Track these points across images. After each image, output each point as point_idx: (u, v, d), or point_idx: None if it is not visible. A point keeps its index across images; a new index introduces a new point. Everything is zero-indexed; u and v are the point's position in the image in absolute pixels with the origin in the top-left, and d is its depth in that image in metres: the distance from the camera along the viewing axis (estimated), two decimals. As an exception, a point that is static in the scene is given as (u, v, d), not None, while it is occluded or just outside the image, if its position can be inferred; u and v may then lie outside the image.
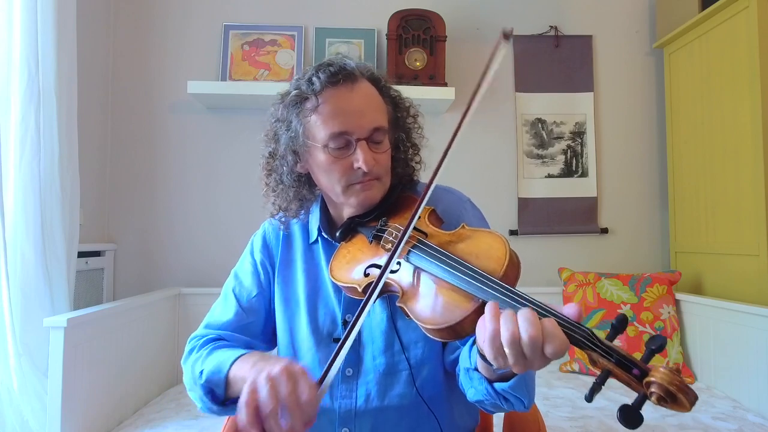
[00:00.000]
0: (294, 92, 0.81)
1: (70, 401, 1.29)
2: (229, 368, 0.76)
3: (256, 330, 0.92)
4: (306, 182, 0.87)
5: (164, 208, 2.10)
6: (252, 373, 0.67)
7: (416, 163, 0.92)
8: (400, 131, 0.88)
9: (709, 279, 1.97)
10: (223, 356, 0.79)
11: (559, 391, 1.69)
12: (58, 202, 1.53)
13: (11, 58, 1.45)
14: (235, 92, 1.96)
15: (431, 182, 0.72)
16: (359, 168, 0.78)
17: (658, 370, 0.52)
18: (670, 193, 2.19)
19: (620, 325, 0.55)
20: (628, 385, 0.54)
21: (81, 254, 1.72)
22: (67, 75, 1.59)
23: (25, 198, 1.45)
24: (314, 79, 0.79)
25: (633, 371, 0.53)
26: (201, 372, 0.80)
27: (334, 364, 0.65)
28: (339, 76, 0.79)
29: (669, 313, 1.87)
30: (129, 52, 2.12)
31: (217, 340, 0.88)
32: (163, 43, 2.14)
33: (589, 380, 1.84)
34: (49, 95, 1.51)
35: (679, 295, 1.92)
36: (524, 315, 0.56)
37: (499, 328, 0.56)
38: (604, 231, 2.22)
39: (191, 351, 0.88)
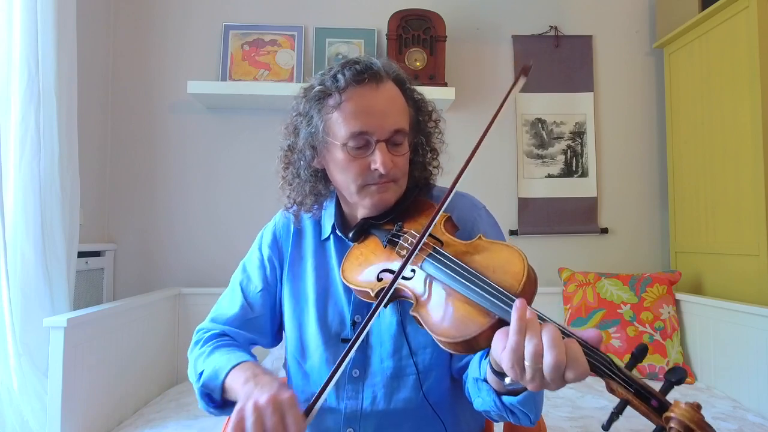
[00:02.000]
0: (318, 87, 0.80)
1: (70, 401, 1.29)
2: (225, 376, 0.78)
3: (260, 325, 0.92)
4: (322, 178, 0.87)
5: (164, 208, 2.10)
6: (242, 393, 0.69)
7: (434, 167, 0.91)
8: (420, 135, 0.88)
9: (709, 279, 1.96)
10: (221, 361, 0.80)
11: (560, 390, 1.69)
12: (58, 202, 1.53)
13: (11, 58, 1.45)
14: (235, 92, 1.96)
15: (450, 192, 0.72)
16: (376, 169, 0.78)
17: (679, 406, 0.51)
18: (670, 193, 2.19)
19: (640, 354, 0.55)
20: (647, 416, 0.53)
21: (81, 254, 1.72)
22: (67, 75, 1.59)
23: (25, 198, 1.45)
24: (339, 76, 0.79)
25: (652, 402, 0.52)
26: (200, 374, 0.82)
27: (327, 388, 0.65)
28: (365, 75, 0.78)
29: (669, 313, 1.87)
30: (129, 52, 2.12)
31: (221, 336, 0.89)
32: (163, 43, 2.13)
33: (590, 381, 1.85)
34: (49, 95, 1.50)
35: (679, 295, 1.92)
36: (549, 334, 0.55)
37: (522, 341, 0.55)
38: (604, 231, 2.22)
39: (196, 343, 0.89)
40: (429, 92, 2.12)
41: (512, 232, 2.20)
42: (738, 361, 1.63)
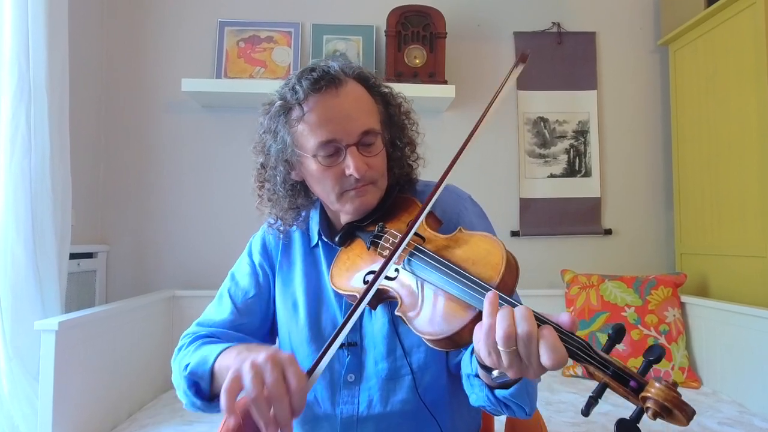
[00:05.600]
0: (278, 102, 0.80)
1: (61, 406, 1.27)
2: (215, 360, 0.74)
3: (249, 331, 0.91)
4: (301, 190, 0.86)
5: (158, 209, 2.08)
6: (236, 361, 0.64)
7: (413, 161, 0.89)
8: (394, 129, 0.86)
9: (715, 281, 1.94)
10: (210, 349, 0.77)
11: (562, 395, 1.67)
12: (50, 203, 1.50)
13: (1, 55, 1.43)
14: (231, 90, 1.94)
15: (433, 194, 0.71)
16: (351, 175, 0.77)
17: (654, 385, 0.51)
18: (675, 194, 2.16)
19: (617, 335, 0.55)
20: (626, 398, 0.53)
21: (73, 256, 1.70)
22: (59, 72, 1.56)
23: (16, 198, 1.43)
24: (297, 87, 0.77)
25: (630, 383, 0.52)
26: (186, 365, 0.78)
27: (326, 356, 0.63)
28: (322, 82, 0.76)
29: (674, 315, 1.84)
30: (122, 49, 2.09)
31: (208, 337, 0.87)
32: (157, 40, 2.11)
33: (593, 385, 1.82)
34: (40, 93, 1.48)
35: (684, 298, 1.89)
36: (521, 312, 0.56)
37: (494, 323, 0.56)
38: (608, 232, 2.19)
39: (180, 348, 0.86)
40: (428, 90, 2.11)
41: (514, 233, 2.17)
42: (744, 365, 1.61)
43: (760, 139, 1.69)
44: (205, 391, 0.76)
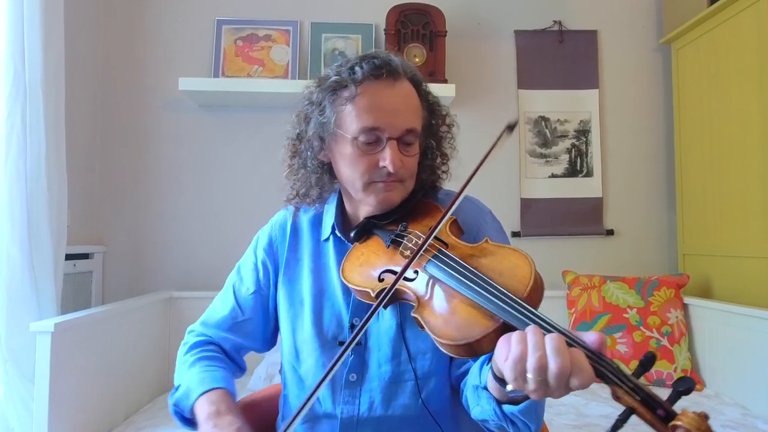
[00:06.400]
0: (334, 78, 0.80)
1: (57, 408, 1.26)
2: (194, 402, 0.81)
3: (251, 328, 0.92)
4: (328, 170, 0.86)
5: (155, 209, 2.06)
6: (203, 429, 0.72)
7: (443, 172, 0.91)
8: (431, 138, 0.87)
9: (718, 282, 1.92)
10: (195, 382, 0.83)
11: (564, 398, 1.65)
12: (45, 203, 1.49)
13: (-4, 54, 1.42)
14: (228, 89, 1.93)
15: (458, 196, 0.71)
16: (384, 167, 0.78)
17: (687, 414, 0.50)
18: (677, 194, 2.15)
19: (648, 362, 0.54)
20: (652, 425, 0.52)
21: (69, 256, 1.68)
22: (55, 71, 1.55)
23: (11, 198, 1.42)
24: (357, 68, 0.78)
25: (658, 411, 0.51)
26: (177, 387, 0.85)
27: (299, 414, 0.64)
28: (383, 70, 0.78)
29: (677, 317, 1.83)
30: (118, 48, 2.08)
31: (207, 345, 0.91)
32: (154, 39, 2.10)
33: (595, 388, 1.81)
34: (36, 92, 1.47)
35: (687, 299, 1.88)
36: (553, 344, 0.54)
37: (526, 352, 0.54)
38: (610, 232, 2.18)
39: (184, 345, 0.92)
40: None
41: (515, 234, 2.15)
42: (748, 367, 1.60)
43: (763, 138, 1.68)
44: (188, 418, 0.84)
